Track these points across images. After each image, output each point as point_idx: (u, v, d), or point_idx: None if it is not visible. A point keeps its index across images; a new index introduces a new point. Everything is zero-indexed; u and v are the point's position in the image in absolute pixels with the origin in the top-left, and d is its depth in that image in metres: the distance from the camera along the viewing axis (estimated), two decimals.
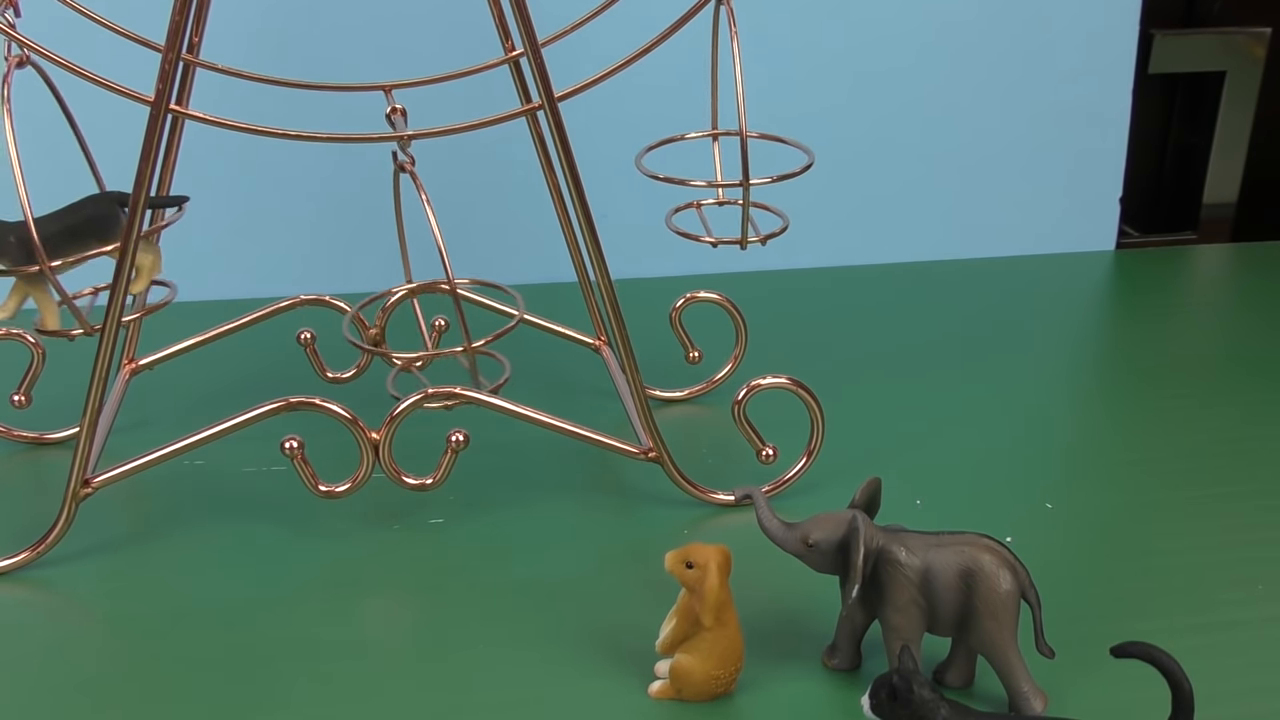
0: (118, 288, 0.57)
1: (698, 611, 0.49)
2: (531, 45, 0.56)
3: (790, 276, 0.97)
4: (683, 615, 0.51)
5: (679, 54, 0.65)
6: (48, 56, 0.53)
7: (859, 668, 0.53)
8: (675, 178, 0.62)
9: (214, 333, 0.74)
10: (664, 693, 0.52)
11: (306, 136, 0.55)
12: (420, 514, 0.65)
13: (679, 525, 0.64)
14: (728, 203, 0.67)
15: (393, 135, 0.56)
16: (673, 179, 0.62)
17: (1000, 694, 0.50)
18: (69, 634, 0.57)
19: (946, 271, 0.99)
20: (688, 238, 0.64)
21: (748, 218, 0.61)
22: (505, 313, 0.74)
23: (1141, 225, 1.10)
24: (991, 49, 0.98)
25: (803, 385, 0.64)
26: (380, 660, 0.54)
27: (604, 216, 0.60)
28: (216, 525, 0.64)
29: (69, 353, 0.65)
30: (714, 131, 0.68)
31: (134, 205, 0.56)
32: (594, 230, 0.60)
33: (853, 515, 0.51)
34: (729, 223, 0.65)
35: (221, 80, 0.57)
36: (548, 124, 0.58)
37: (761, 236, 0.62)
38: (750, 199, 0.60)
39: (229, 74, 0.58)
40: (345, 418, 0.59)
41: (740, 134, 0.59)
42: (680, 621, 0.51)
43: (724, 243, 0.62)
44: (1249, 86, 1.04)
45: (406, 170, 0.57)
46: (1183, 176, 1.09)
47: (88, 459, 0.59)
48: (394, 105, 0.60)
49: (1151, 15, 1.00)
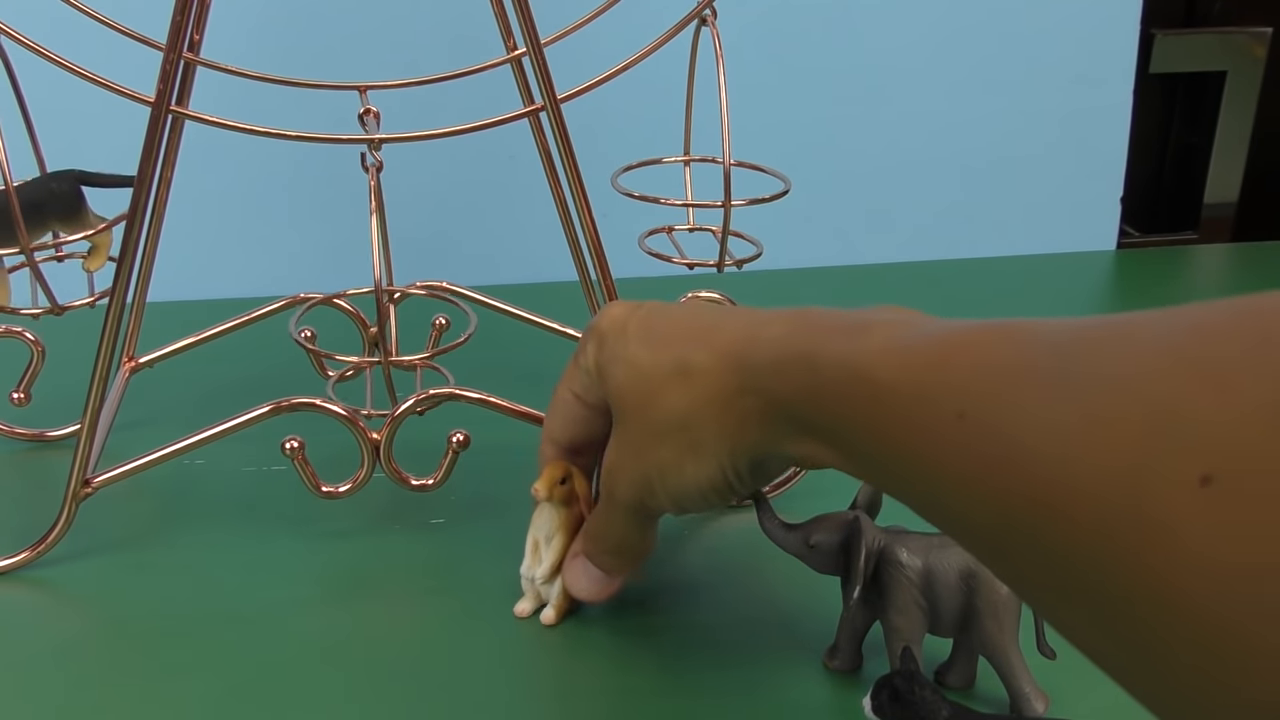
0: (118, 287, 0.57)
1: (582, 512, 0.54)
2: (534, 45, 0.56)
3: (790, 276, 0.97)
4: (569, 531, 0.54)
5: (680, 53, 0.65)
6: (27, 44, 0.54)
7: (860, 669, 0.53)
8: (650, 196, 0.63)
9: (214, 331, 0.74)
10: (562, 609, 0.55)
11: (276, 134, 0.55)
12: (421, 514, 0.65)
13: (679, 525, 0.64)
14: (700, 229, 0.68)
15: (362, 138, 0.56)
16: (648, 197, 0.63)
17: (1001, 695, 0.50)
18: (69, 634, 0.57)
19: (946, 271, 0.99)
20: (662, 259, 0.64)
21: (726, 242, 0.62)
22: (507, 312, 0.74)
23: (1142, 225, 1.10)
24: (991, 49, 0.98)
25: None
26: (381, 661, 0.54)
27: (604, 216, 0.61)
28: (217, 525, 0.64)
29: (69, 351, 0.65)
30: (688, 158, 0.69)
31: (134, 205, 0.56)
32: (595, 229, 0.60)
33: (854, 516, 0.51)
34: (700, 245, 0.66)
35: (221, 80, 0.56)
36: (550, 125, 0.58)
37: (736, 260, 0.62)
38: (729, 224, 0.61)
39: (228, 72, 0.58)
40: (345, 418, 0.59)
41: (724, 162, 0.59)
42: (568, 538, 0.54)
43: (700, 265, 0.63)
44: (1249, 86, 1.05)
45: (368, 173, 0.57)
46: (1183, 176, 1.09)
47: (88, 458, 0.59)
48: (367, 106, 0.60)
49: (1152, 15, 1.00)
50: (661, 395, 0.47)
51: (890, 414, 0.37)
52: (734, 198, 0.60)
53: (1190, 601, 0.25)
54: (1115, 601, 0.27)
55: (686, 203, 0.65)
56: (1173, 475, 0.25)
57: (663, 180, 0.66)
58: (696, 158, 0.69)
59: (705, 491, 0.47)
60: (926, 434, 0.35)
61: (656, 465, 0.47)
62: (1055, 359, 0.31)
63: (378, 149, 0.57)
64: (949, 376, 0.35)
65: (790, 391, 0.43)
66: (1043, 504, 0.29)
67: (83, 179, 0.65)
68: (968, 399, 0.34)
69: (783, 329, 0.44)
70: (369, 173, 0.58)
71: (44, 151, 0.66)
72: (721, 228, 0.62)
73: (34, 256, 0.59)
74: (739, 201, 0.61)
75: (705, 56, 0.62)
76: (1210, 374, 0.26)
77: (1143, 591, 0.26)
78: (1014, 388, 0.32)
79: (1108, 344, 0.30)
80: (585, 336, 0.52)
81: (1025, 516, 0.30)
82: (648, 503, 0.49)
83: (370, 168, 0.58)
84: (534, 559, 0.55)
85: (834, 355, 0.41)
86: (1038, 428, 0.30)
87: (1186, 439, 0.25)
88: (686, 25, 0.60)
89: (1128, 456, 0.27)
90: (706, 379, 0.45)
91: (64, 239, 0.65)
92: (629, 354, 0.49)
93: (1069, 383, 0.30)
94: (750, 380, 0.44)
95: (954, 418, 0.34)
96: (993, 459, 0.32)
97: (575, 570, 0.54)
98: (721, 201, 0.60)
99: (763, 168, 0.66)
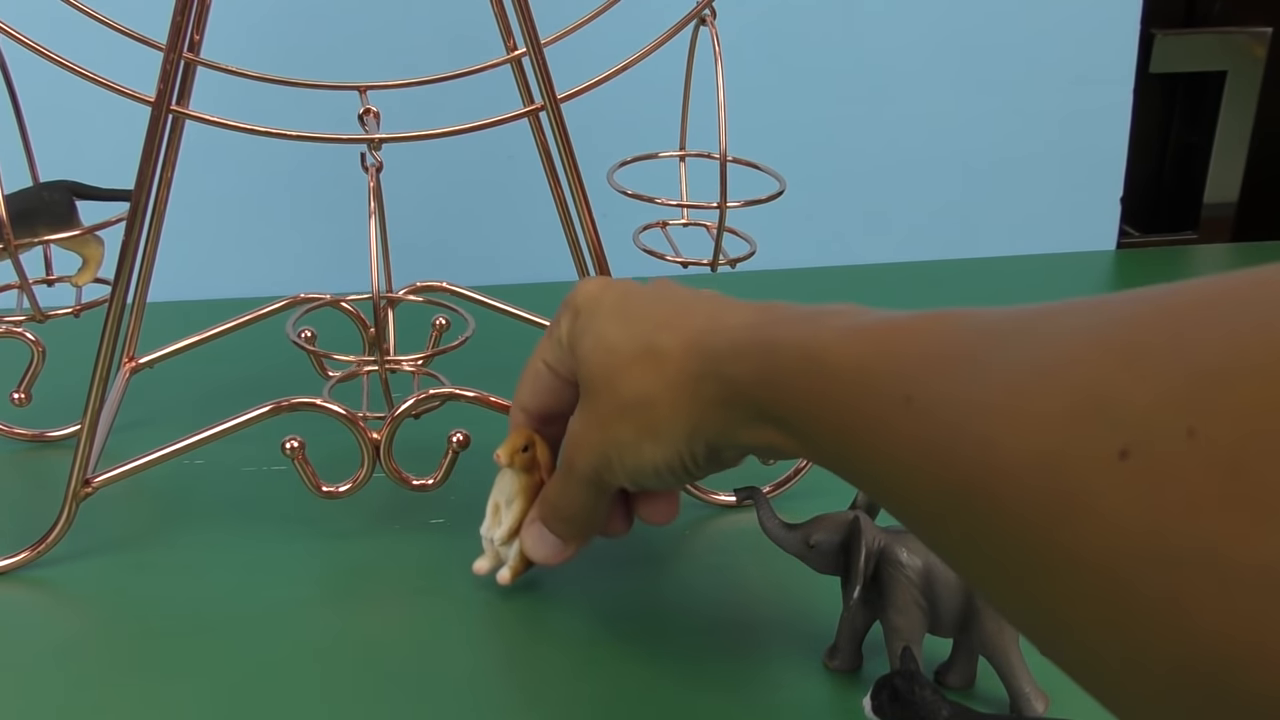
0: (118, 287, 0.57)
1: (543, 479, 0.55)
2: (534, 45, 0.56)
3: (790, 276, 0.97)
4: (528, 496, 0.56)
5: (680, 53, 0.65)
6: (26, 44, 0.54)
7: (860, 669, 0.53)
8: (645, 195, 0.63)
9: (214, 331, 0.74)
10: (517, 570, 0.57)
11: (276, 134, 0.55)
12: (421, 514, 0.65)
13: (679, 525, 0.64)
14: (694, 224, 0.68)
15: (362, 138, 0.56)
16: (642, 196, 0.63)
17: (1002, 695, 0.50)
18: (69, 634, 0.57)
19: (945, 272, 0.99)
20: (656, 256, 0.64)
21: (721, 240, 0.62)
22: (507, 312, 0.74)
23: (1142, 225, 1.10)
24: (991, 49, 0.98)
25: None
26: (381, 660, 0.54)
27: (604, 216, 0.61)
28: (217, 525, 0.64)
29: (69, 351, 0.65)
30: (683, 153, 0.69)
31: (134, 205, 0.56)
32: (595, 229, 0.60)
33: (854, 516, 0.51)
34: (694, 240, 0.66)
35: (221, 80, 0.56)
36: (550, 125, 0.58)
37: (731, 259, 0.62)
38: (725, 222, 0.61)
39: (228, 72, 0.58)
40: (345, 418, 0.59)
41: (720, 158, 0.59)
42: (526, 504, 0.55)
43: (694, 264, 0.63)
44: (1250, 86, 1.05)
45: (367, 173, 0.57)
46: (1183, 176, 1.09)
47: (88, 458, 0.59)
48: (367, 106, 0.60)
49: (1152, 15, 1.00)
50: (627, 374, 0.48)
51: (842, 398, 0.39)
52: (730, 197, 0.60)
53: (1105, 568, 0.26)
54: (1037, 576, 0.29)
55: (681, 203, 0.65)
56: (1093, 453, 0.27)
57: (659, 178, 0.66)
58: (692, 152, 0.69)
59: (661, 472, 0.48)
60: (877, 418, 0.36)
61: (616, 442, 0.48)
62: (990, 345, 0.33)
63: (378, 149, 0.57)
64: (896, 362, 0.36)
65: (748, 377, 0.44)
66: (974, 485, 0.31)
67: (77, 191, 0.65)
68: (913, 384, 0.35)
69: (746, 317, 0.46)
70: (369, 173, 0.58)
71: (43, 154, 0.66)
72: (716, 224, 0.61)
73: (19, 260, 0.58)
74: (734, 203, 0.61)
75: (704, 56, 0.62)
76: (1132, 360, 0.27)
77: (1063, 564, 0.27)
78: (950, 373, 0.34)
79: (1038, 331, 0.31)
80: (561, 309, 0.53)
81: (959, 499, 0.31)
82: (605, 476, 0.50)
83: (370, 168, 0.58)
84: (494, 520, 0.57)
85: (790, 340, 0.42)
86: (971, 411, 0.31)
87: (1108, 419, 0.27)
88: (686, 25, 0.60)
89: (1051, 438, 0.28)
90: (670, 363, 0.46)
91: (55, 238, 0.64)
92: (600, 329, 0.50)
93: (1000, 368, 0.31)
94: (710, 366, 0.45)
95: (902, 402, 0.35)
96: (933, 443, 0.33)
97: (532, 534, 0.55)
98: (717, 202, 0.60)
99: (758, 165, 0.66)
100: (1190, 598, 0.24)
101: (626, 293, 0.51)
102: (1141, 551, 0.25)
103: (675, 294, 0.51)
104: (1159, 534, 0.25)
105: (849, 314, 0.42)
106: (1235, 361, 0.25)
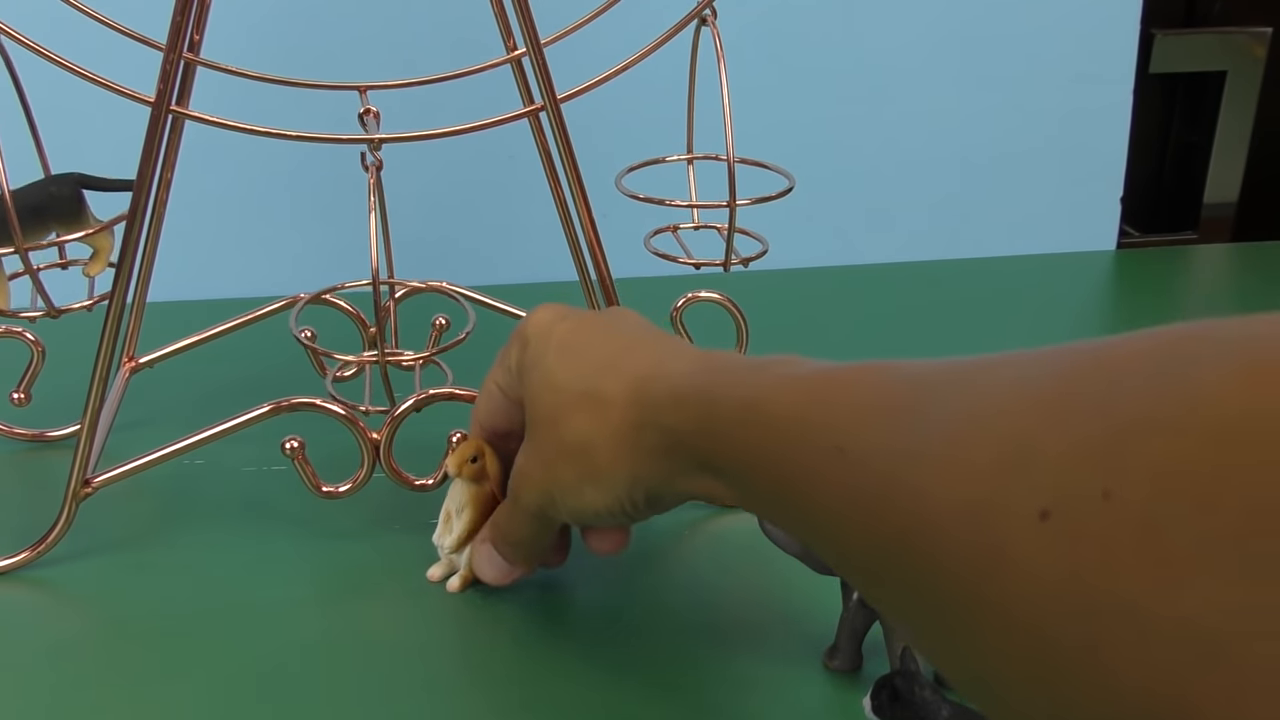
0: (118, 287, 0.57)
1: (494, 492, 0.56)
2: (534, 45, 0.56)
3: (791, 276, 0.97)
4: (477, 506, 0.56)
5: (680, 53, 0.65)
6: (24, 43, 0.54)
7: (860, 669, 0.53)
8: (655, 198, 0.63)
9: (214, 331, 0.74)
10: (467, 578, 0.58)
11: (276, 134, 0.55)
12: (421, 514, 0.65)
13: (679, 526, 0.64)
14: (705, 226, 0.68)
15: (362, 138, 0.56)
16: (652, 199, 0.63)
17: None
18: (69, 634, 0.57)
19: (946, 271, 0.99)
20: (668, 259, 0.64)
21: (732, 240, 0.62)
22: (507, 312, 0.74)
23: (1142, 225, 1.10)
24: (991, 48, 0.98)
25: None
26: (381, 660, 0.54)
27: (605, 216, 0.61)
28: (217, 525, 0.64)
29: (69, 351, 0.65)
30: (691, 155, 0.69)
31: (134, 205, 0.56)
32: (595, 229, 0.60)
33: None
34: (705, 242, 0.66)
35: (221, 80, 0.56)
36: (550, 125, 0.58)
37: (743, 258, 0.62)
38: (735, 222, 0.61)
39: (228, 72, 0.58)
40: (345, 418, 0.59)
41: (728, 159, 0.59)
42: (476, 513, 0.56)
43: (706, 265, 0.63)
44: (1249, 86, 1.05)
45: (368, 172, 0.57)
46: (1183, 176, 1.09)
47: (88, 458, 0.59)
48: (367, 106, 0.60)
49: (1152, 15, 1.00)
50: (569, 416, 0.48)
51: (779, 448, 0.39)
52: (738, 196, 0.60)
53: (1029, 624, 0.26)
54: (969, 631, 0.29)
55: (691, 204, 0.65)
56: (1017, 508, 0.27)
57: (665, 180, 0.66)
58: (700, 155, 0.69)
59: (601, 515, 0.49)
60: (811, 469, 0.36)
61: (558, 483, 0.49)
62: (926, 396, 0.33)
63: (378, 149, 0.57)
64: (829, 413, 0.37)
65: (688, 426, 0.44)
66: (906, 536, 0.31)
67: (84, 182, 0.65)
68: (845, 435, 0.35)
69: (688, 364, 0.46)
70: (369, 172, 0.58)
71: (46, 153, 0.66)
72: (727, 226, 0.61)
73: (30, 259, 0.59)
74: (744, 201, 0.61)
75: (706, 56, 0.62)
76: (1060, 414, 0.27)
77: (992, 619, 0.27)
78: (883, 424, 0.34)
79: (976, 382, 0.31)
80: (513, 336, 0.53)
81: (892, 551, 0.31)
82: (549, 512, 0.51)
83: (370, 167, 0.58)
84: (445, 529, 0.58)
85: (730, 390, 0.42)
86: (904, 461, 0.32)
87: (1031, 474, 0.27)
88: (686, 25, 0.60)
89: (978, 489, 0.28)
90: (613, 410, 0.46)
91: (64, 238, 0.65)
92: (547, 365, 0.50)
93: (930, 419, 0.31)
94: (651, 415, 0.45)
95: (834, 452, 0.35)
96: (865, 493, 0.33)
97: (481, 555, 0.56)
98: (726, 201, 0.60)
99: (766, 164, 0.66)
100: (1111, 650, 0.24)
101: (576, 328, 0.51)
102: (1062, 606, 0.25)
103: (625, 329, 0.51)
104: (1079, 589, 0.25)
105: (789, 364, 0.42)
106: (1152, 413, 0.25)
